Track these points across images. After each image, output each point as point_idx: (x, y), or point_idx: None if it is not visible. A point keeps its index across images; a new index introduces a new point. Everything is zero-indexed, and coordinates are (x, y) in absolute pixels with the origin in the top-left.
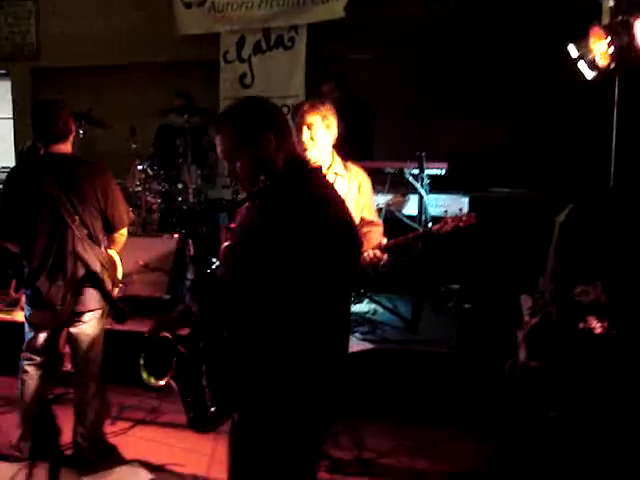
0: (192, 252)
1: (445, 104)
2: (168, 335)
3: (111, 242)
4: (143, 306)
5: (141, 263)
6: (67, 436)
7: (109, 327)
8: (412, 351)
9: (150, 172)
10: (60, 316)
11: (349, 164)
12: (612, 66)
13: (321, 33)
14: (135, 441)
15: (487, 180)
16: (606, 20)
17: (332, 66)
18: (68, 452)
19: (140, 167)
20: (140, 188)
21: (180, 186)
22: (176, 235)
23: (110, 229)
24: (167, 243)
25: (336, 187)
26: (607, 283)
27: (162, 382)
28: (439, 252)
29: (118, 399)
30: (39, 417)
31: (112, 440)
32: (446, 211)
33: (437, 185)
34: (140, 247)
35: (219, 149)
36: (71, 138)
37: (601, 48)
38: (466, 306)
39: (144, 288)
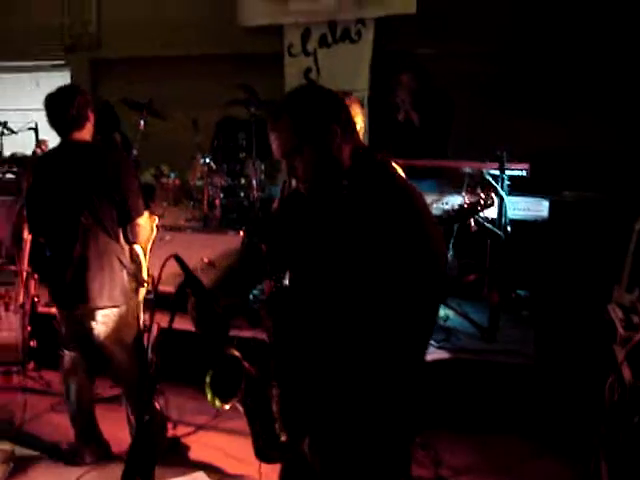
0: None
1: (515, 103)
2: (236, 353)
3: (132, 236)
4: None
5: (206, 260)
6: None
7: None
8: (491, 361)
9: (213, 166)
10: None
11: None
12: None
13: (388, 26)
14: (197, 447)
15: (565, 182)
16: None
17: (398, 61)
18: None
19: (202, 160)
20: (202, 182)
21: (243, 181)
22: (241, 232)
23: (127, 219)
24: (232, 240)
25: None
26: None
27: (227, 406)
28: (509, 256)
29: (178, 401)
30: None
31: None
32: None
33: (515, 187)
34: (204, 243)
35: (275, 144)
36: (88, 126)
37: None
38: (540, 314)
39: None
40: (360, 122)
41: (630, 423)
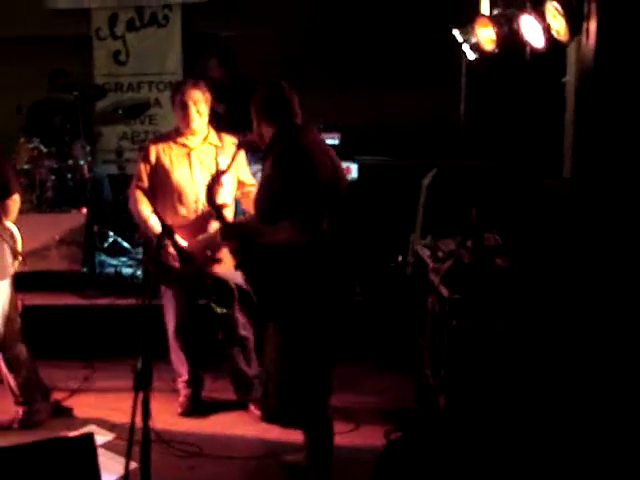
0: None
1: (318, 80)
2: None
3: (5, 211)
4: (60, 280)
5: (57, 238)
6: None
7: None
8: None
9: (43, 149)
10: None
11: (223, 135)
12: (496, 51)
13: (196, 9)
14: (79, 408)
15: (369, 150)
16: (485, 9)
17: (208, 43)
18: None
19: (30, 145)
20: (29, 166)
21: (70, 162)
22: (84, 210)
23: (4, 194)
24: (76, 217)
25: (212, 157)
26: (500, 230)
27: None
28: None
29: (46, 372)
30: None
31: None
32: None
33: None
34: (50, 223)
35: None
36: None
37: (485, 35)
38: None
39: (60, 262)
40: (209, 104)
41: (450, 326)
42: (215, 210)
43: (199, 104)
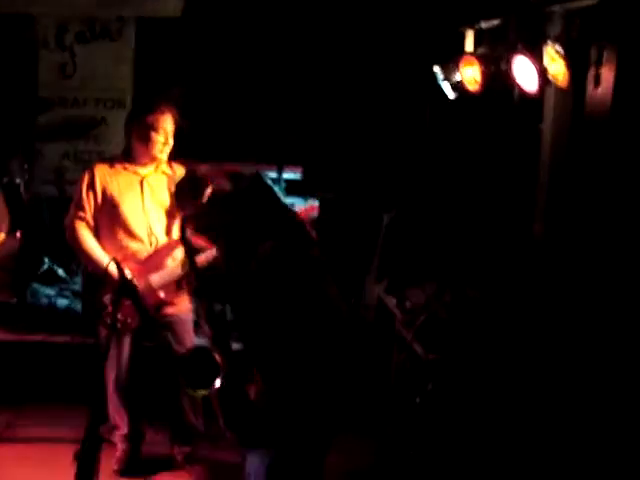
0: None
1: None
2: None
3: None
4: None
5: None
6: None
7: None
8: None
9: None
10: None
11: (173, 164)
12: (480, 91)
13: (152, 26)
14: None
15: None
16: (469, 47)
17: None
18: None
19: None
20: None
21: (5, 180)
22: (18, 233)
23: None
24: (8, 241)
25: (165, 187)
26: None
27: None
28: None
29: None
30: None
31: None
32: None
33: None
34: None
35: None
36: None
37: (469, 74)
38: None
39: None
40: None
41: (425, 391)
42: (189, 257)
43: (168, 131)
